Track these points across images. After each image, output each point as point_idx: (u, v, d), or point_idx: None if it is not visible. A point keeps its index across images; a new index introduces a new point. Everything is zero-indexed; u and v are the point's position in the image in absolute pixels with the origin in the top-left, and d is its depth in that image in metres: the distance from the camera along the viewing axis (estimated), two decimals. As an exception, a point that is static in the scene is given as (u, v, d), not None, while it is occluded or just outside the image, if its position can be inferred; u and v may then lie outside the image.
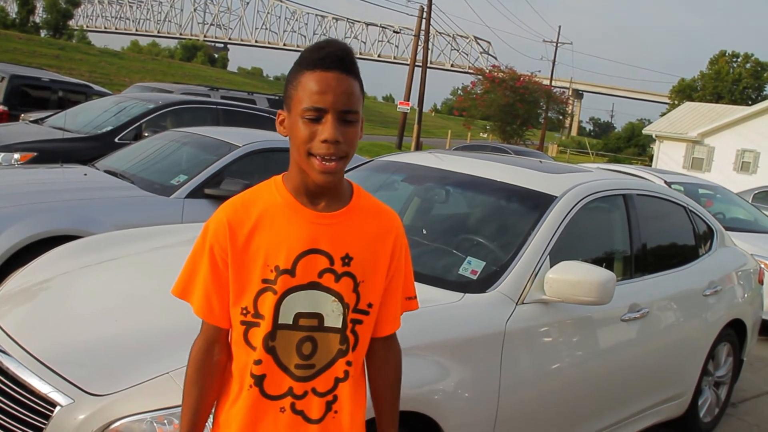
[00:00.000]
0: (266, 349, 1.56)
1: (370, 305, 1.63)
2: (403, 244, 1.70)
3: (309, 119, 1.49)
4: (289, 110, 1.54)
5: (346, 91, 1.49)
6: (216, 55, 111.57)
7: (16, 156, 6.81)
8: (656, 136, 33.63)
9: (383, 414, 1.77)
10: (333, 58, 1.50)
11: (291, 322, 1.56)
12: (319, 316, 1.58)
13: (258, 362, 1.57)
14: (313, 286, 1.56)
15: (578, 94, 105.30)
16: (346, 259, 1.58)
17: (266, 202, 1.59)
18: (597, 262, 3.47)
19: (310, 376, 1.58)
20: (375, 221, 1.65)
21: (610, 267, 3.61)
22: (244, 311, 1.57)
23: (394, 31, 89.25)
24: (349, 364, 1.61)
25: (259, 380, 1.57)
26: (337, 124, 1.49)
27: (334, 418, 1.61)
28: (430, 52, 37.71)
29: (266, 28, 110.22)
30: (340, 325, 1.59)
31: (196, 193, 5.26)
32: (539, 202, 3.37)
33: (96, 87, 13.41)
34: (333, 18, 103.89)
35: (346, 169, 1.71)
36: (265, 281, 1.55)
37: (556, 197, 3.37)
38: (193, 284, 1.61)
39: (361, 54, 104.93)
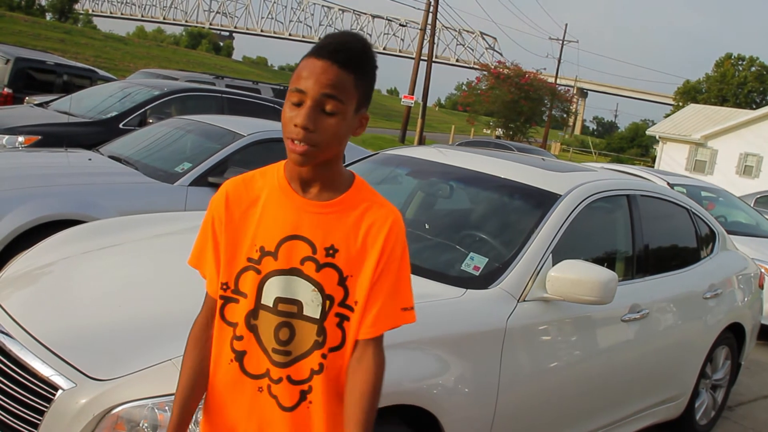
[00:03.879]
0: (248, 326, 1.59)
1: (356, 302, 1.60)
2: (398, 243, 1.60)
3: (293, 102, 1.52)
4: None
5: (329, 81, 1.49)
6: (221, 44, 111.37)
7: (21, 139, 6.81)
8: (660, 138, 33.60)
9: (349, 425, 1.57)
10: (329, 48, 1.51)
11: (271, 305, 1.58)
12: (298, 303, 1.58)
13: (239, 338, 1.60)
14: (294, 272, 1.57)
15: (583, 93, 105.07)
16: (330, 250, 1.58)
17: (265, 183, 1.63)
18: (599, 261, 3.48)
19: (286, 363, 1.59)
20: (370, 216, 1.60)
21: (611, 267, 3.61)
22: (224, 286, 1.61)
23: (400, 25, 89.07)
24: (324, 357, 1.59)
25: (239, 356, 1.60)
26: (312, 112, 1.49)
27: (308, 408, 1.60)
28: (435, 46, 37.68)
29: (272, 18, 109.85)
30: (318, 316, 1.58)
31: (199, 181, 5.26)
32: (543, 200, 3.37)
33: (101, 72, 13.40)
34: (339, 9, 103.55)
35: (348, 162, 1.71)
36: (249, 260, 1.59)
37: (560, 195, 3.37)
38: (204, 255, 1.66)
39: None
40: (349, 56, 1.52)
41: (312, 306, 1.58)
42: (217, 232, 1.62)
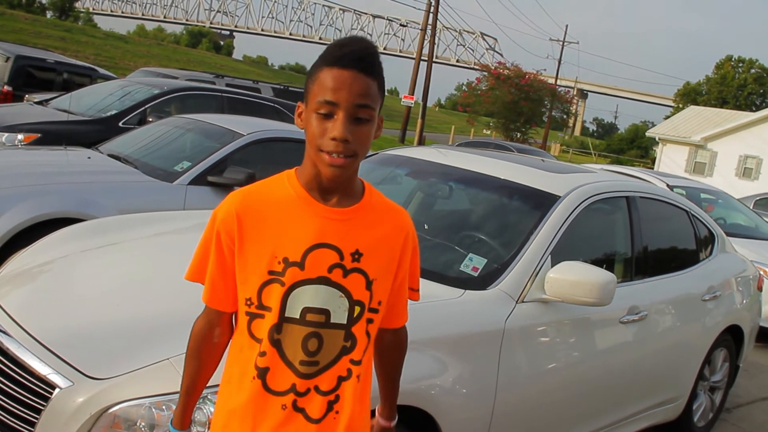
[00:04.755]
0: (271, 341, 1.55)
1: (380, 303, 1.63)
2: (413, 243, 1.71)
3: (321, 114, 1.49)
4: (306, 104, 1.55)
5: (360, 89, 1.49)
6: (221, 43, 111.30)
7: (20, 137, 6.81)
8: (659, 139, 33.61)
9: (386, 383, 1.87)
10: (352, 57, 1.50)
11: (298, 317, 1.55)
12: (326, 312, 1.56)
13: (262, 354, 1.55)
14: (322, 281, 1.55)
15: (583, 94, 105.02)
16: (356, 255, 1.57)
17: (278, 194, 1.59)
18: (598, 263, 3.48)
19: (314, 374, 1.57)
20: (387, 219, 1.65)
21: (610, 268, 3.62)
22: (248, 302, 1.57)
23: (401, 25, 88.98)
24: (353, 362, 1.60)
25: (262, 373, 1.56)
26: (348, 123, 1.48)
27: (334, 419, 1.58)
28: (436, 46, 37.66)
29: (273, 17, 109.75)
30: (345, 321, 1.58)
31: (198, 180, 5.26)
32: (542, 202, 3.37)
33: (101, 70, 13.38)
34: (340, 9, 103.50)
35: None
36: (271, 273, 1.55)
37: (560, 197, 3.37)
38: (203, 269, 1.62)
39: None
40: (371, 63, 1.52)
41: (339, 312, 1.57)
42: (225, 248, 1.57)
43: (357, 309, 1.59)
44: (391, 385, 1.88)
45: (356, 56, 1.50)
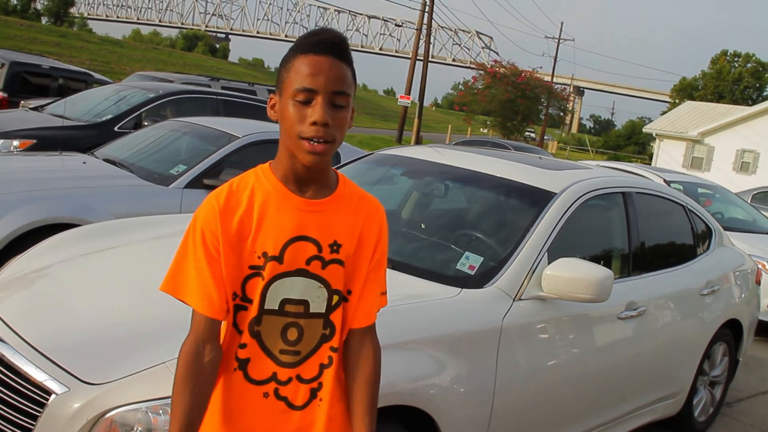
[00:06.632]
0: (251, 333, 1.58)
1: (349, 292, 1.64)
2: (386, 233, 1.70)
3: (299, 102, 1.50)
4: (280, 94, 1.55)
5: (337, 75, 1.51)
6: (217, 45, 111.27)
7: (16, 143, 6.80)
8: (656, 135, 33.61)
9: (357, 411, 1.65)
10: (327, 44, 1.51)
11: (277, 308, 1.57)
12: (305, 303, 1.59)
13: (243, 346, 1.58)
14: (301, 273, 1.57)
15: (579, 91, 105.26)
16: (335, 246, 1.59)
17: (255, 189, 1.59)
18: (595, 259, 3.47)
19: (296, 363, 1.59)
20: (361, 208, 1.66)
21: (608, 264, 3.61)
22: (234, 296, 1.58)
23: (396, 25, 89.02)
24: (333, 349, 1.63)
25: (243, 364, 1.58)
26: (327, 107, 1.50)
27: (319, 406, 1.61)
28: (431, 46, 37.66)
29: (268, 19, 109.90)
30: (323, 310, 1.60)
31: (195, 183, 5.26)
32: (538, 199, 3.36)
33: (96, 75, 13.38)
34: (335, 10, 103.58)
35: (344, 162, 1.72)
36: (252, 267, 1.56)
37: (556, 194, 3.37)
38: (185, 279, 1.55)
39: (362, 47, 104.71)
40: (344, 50, 1.54)
41: (318, 302, 1.59)
42: (212, 247, 1.54)
43: (335, 298, 1.61)
44: (367, 416, 1.66)
45: (330, 43, 1.52)
